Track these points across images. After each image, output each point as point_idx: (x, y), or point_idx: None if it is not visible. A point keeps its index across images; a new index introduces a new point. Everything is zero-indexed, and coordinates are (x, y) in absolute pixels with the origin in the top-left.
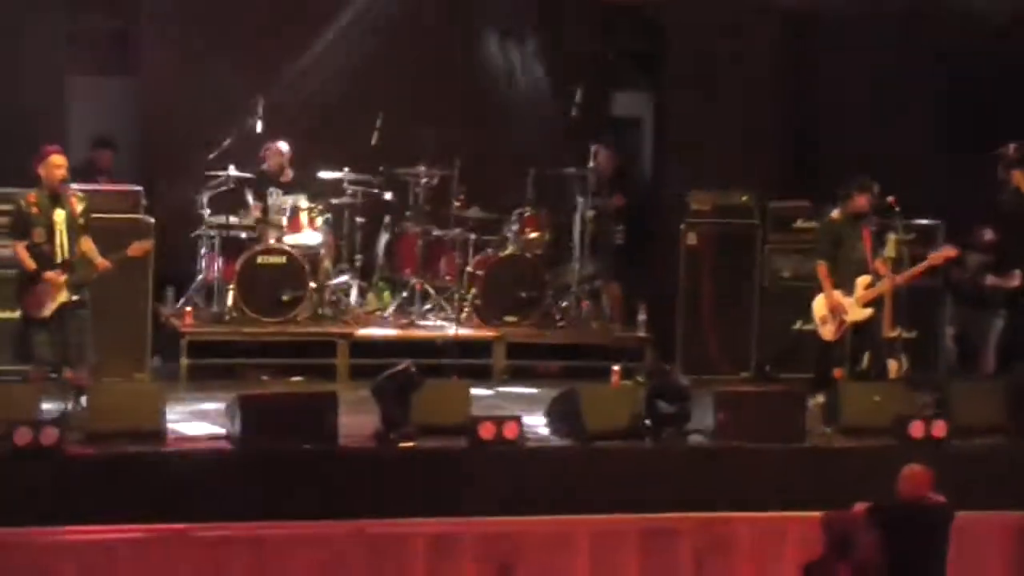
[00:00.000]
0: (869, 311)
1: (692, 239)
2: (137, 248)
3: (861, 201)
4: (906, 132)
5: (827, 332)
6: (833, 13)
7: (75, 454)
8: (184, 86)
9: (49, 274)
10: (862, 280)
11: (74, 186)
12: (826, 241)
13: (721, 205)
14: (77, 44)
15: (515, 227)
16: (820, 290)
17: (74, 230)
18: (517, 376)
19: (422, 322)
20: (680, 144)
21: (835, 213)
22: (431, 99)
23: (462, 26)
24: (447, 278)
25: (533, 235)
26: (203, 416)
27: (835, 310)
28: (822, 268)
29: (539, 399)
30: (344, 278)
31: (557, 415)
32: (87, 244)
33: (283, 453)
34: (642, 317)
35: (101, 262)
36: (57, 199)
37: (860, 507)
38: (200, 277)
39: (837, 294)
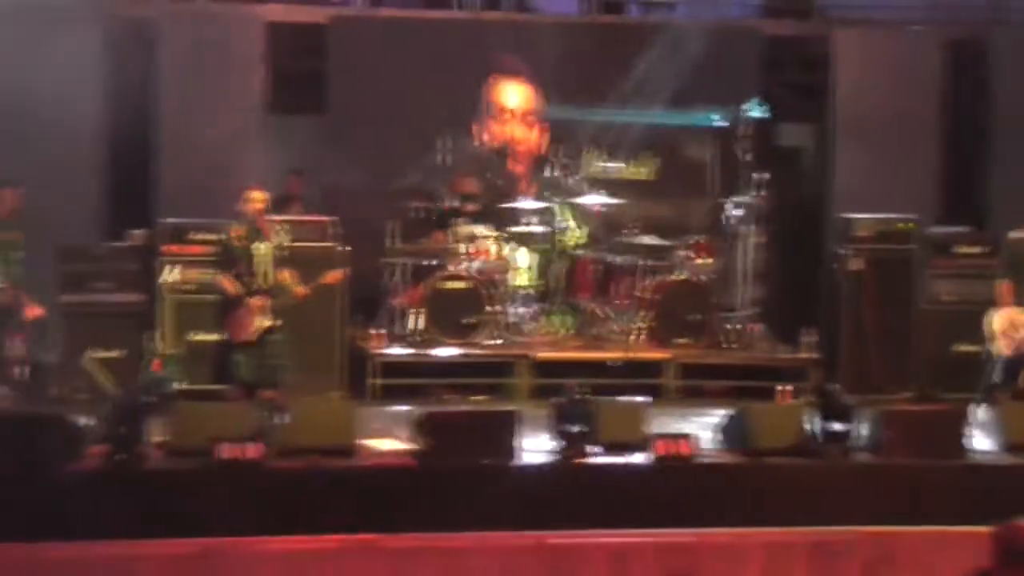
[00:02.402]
0: None
1: (855, 264)
2: (331, 276)
3: None
4: None
5: (1002, 347)
6: (996, 39)
7: (274, 468)
8: (373, 123)
9: (252, 300)
10: None
11: (273, 217)
12: (1007, 261)
13: (883, 231)
14: (274, 85)
15: (686, 253)
16: (984, 310)
17: (274, 261)
18: (688, 395)
19: (598, 344)
20: (842, 172)
21: (1017, 234)
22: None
23: None
24: (621, 302)
25: (703, 261)
26: (391, 433)
27: (1014, 326)
28: (1006, 286)
29: (710, 417)
30: (523, 303)
31: (727, 433)
32: (286, 273)
33: (466, 468)
34: (807, 339)
35: (299, 290)
36: (258, 232)
37: None
38: (388, 302)
39: (1016, 310)
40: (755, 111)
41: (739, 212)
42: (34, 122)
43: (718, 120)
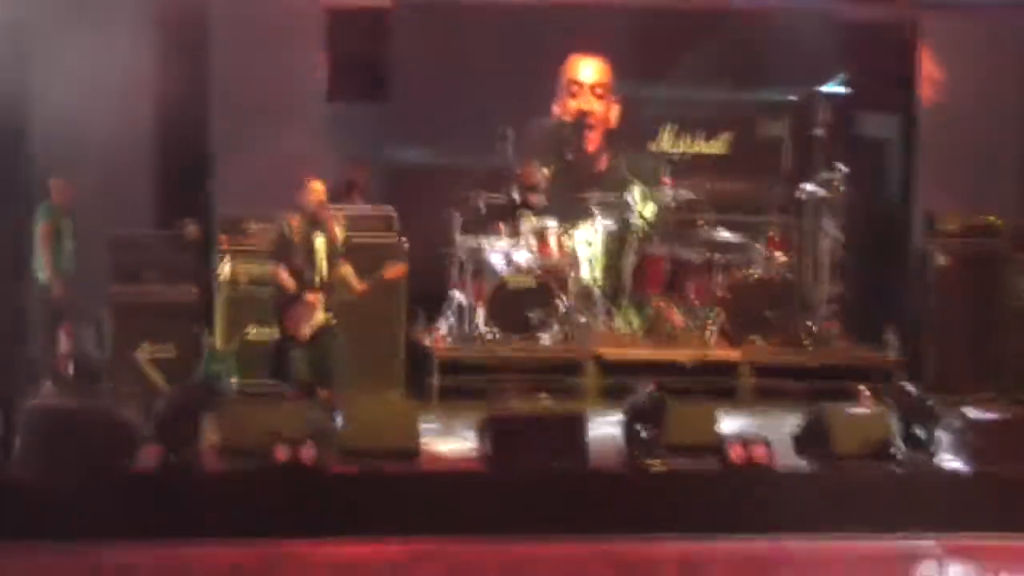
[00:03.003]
0: None
1: (942, 260)
2: (392, 271)
3: None
4: None
5: None
6: None
7: (332, 471)
8: (437, 110)
9: (310, 295)
10: None
11: (332, 208)
12: None
13: (970, 226)
14: (334, 71)
15: (762, 248)
16: None
17: (333, 254)
18: (763, 397)
19: (669, 343)
20: (928, 165)
21: None
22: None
23: None
24: (694, 300)
25: (780, 257)
26: (454, 436)
27: None
28: None
29: (786, 421)
30: (591, 300)
31: (805, 437)
32: (345, 268)
33: (532, 473)
34: (889, 337)
35: (358, 284)
36: (317, 224)
37: None
38: (451, 298)
39: None
40: (833, 94)
41: (815, 193)
42: (87, 110)
43: (795, 98)
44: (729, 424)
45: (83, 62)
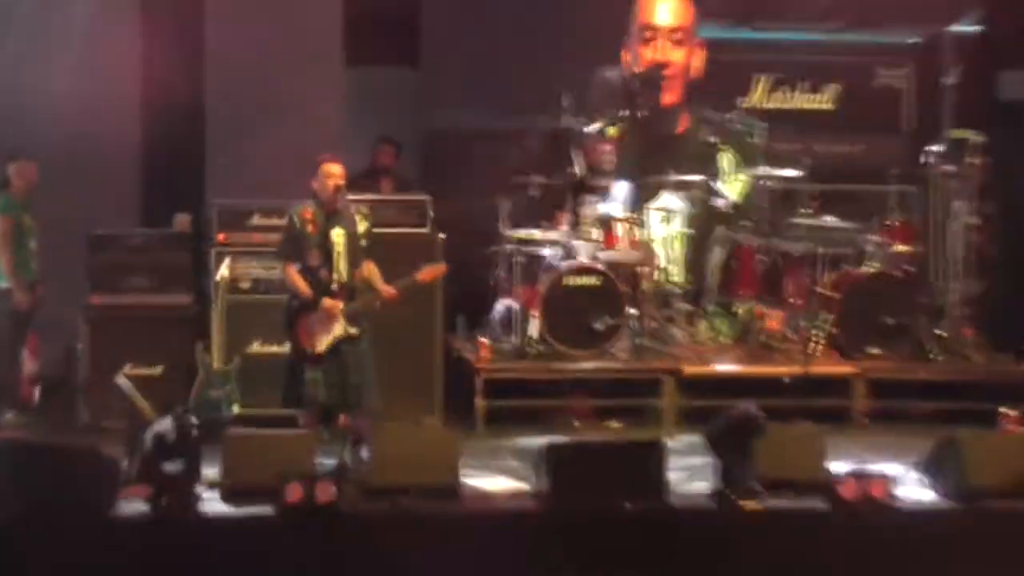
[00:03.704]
0: None
1: None
2: (428, 272)
3: None
4: None
5: None
6: None
7: (354, 512)
8: (478, 75)
9: (326, 302)
10: None
11: (353, 196)
12: None
13: None
14: (354, 31)
15: (878, 239)
16: None
17: (355, 252)
18: (882, 420)
19: (765, 355)
20: None
21: None
22: None
23: None
24: (795, 302)
25: (901, 248)
26: (504, 469)
27: None
28: None
29: (910, 449)
30: (670, 303)
31: (934, 469)
32: (369, 268)
33: (600, 513)
34: None
35: (386, 289)
36: (335, 215)
37: None
38: (498, 303)
39: None
40: (967, 32)
41: (944, 164)
42: (53, 79)
43: (917, 40)
44: (840, 454)
45: (44, 22)
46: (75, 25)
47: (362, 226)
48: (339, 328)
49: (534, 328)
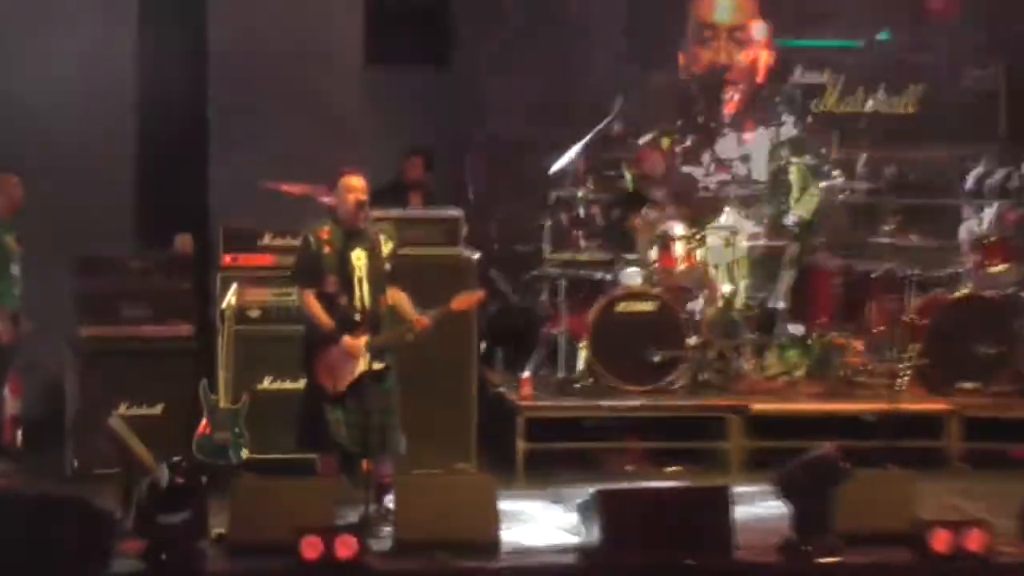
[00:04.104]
0: None
1: None
2: (463, 300)
3: None
4: None
5: None
6: None
7: (379, 570)
8: (513, 76)
9: (347, 340)
10: None
11: (377, 214)
12: None
13: None
14: (377, 28)
15: (973, 258)
16: None
17: (378, 276)
18: (980, 464)
19: (844, 390)
20: None
21: None
22: None
23: None
24: (878, 330)
25: (999, 268)
26: (548, 520)
27: None
28: None
29: (1010, 496)
30: (735, 331)
31: None
32: (397, 296)
33: (657, 570)
34: None
35: (418, 320)
36: (356, 235)
37: None
38: (542, 333)
39: None
40: None
41: None
42: (41, 87)
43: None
44: (931, 501)
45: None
46: (64, 27)
47: (386, 247)
48: (363, 363)
49: (582, 361)
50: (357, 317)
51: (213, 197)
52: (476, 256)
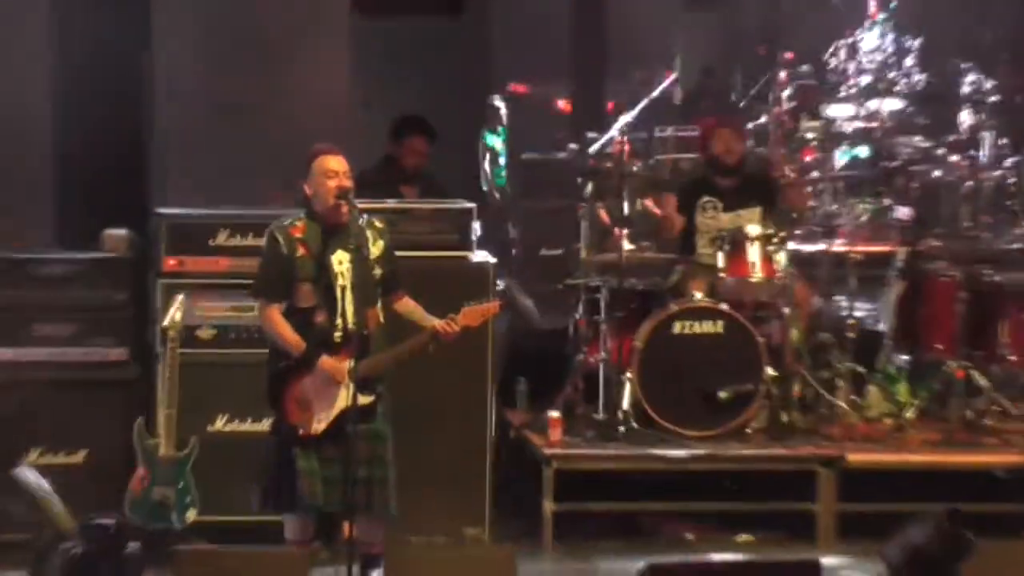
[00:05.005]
0: None
1: None
2: (473, 314)
3: None
4: None
5: None
6: None
7: None
8: (539, 29)
9: (327, 361)
10: None
11: (365, 203)
12: None
13: None
14: None
15: None
16: None
17: (366, 284)
18: None
19: (970, 437)
20: None
21: None
22: None
23: None
24: (1014, 358)
25: None
26: None
27: None
28: None
29: None
30: (828, 358)
31: None
32: (404, 302)
33: None
34: None
35: (443, 326)
36: (338, 233)
37: None
38: (575, 359)
39: None
40: None
41: None
42: None
43: None
44: None
45: None
46: None
47: (376, 248)
48: (344, 397)
49: (627, 397)
50: (338, 336)
51: (155, 183)
52: (492, 261)
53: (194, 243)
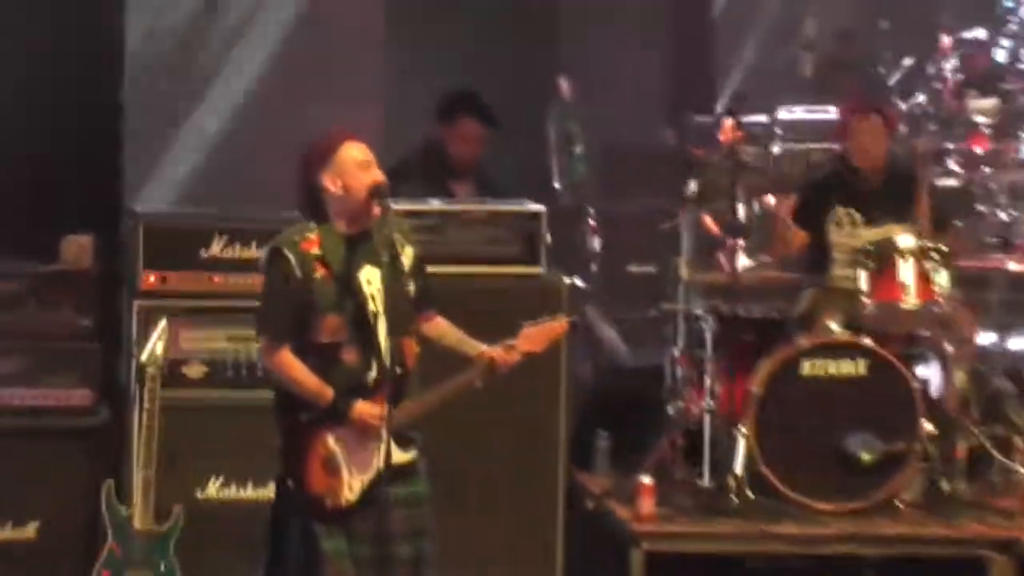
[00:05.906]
0: None
1: None
2: (537, 335)
3: None
4: None
5: None
6: None
7: None
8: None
9: (363, 408)
10: None
11: (398, 205)
12: None
13: None
14: None
15: None
16: None
17: (402, 307)
18: None
19: None
20: None
21: None
22: None
23: None
24: None
25: None
26: None
27: None
28: None
29: None
30: (999, 405)
31: None
32: (436, 325)
33: None
34: None
35: (486, 354)
36: (363, 243)
37: None
38: (671, 408)
39: None
40: None
41: None
42: None
43: None
44: None
45: None
46: None
47: (407, 255)
48: (379, 455)
49: (741, 458)
50: (373, 379)
51: (128, 179)
52: (567, 280)
53: (180, 254)
